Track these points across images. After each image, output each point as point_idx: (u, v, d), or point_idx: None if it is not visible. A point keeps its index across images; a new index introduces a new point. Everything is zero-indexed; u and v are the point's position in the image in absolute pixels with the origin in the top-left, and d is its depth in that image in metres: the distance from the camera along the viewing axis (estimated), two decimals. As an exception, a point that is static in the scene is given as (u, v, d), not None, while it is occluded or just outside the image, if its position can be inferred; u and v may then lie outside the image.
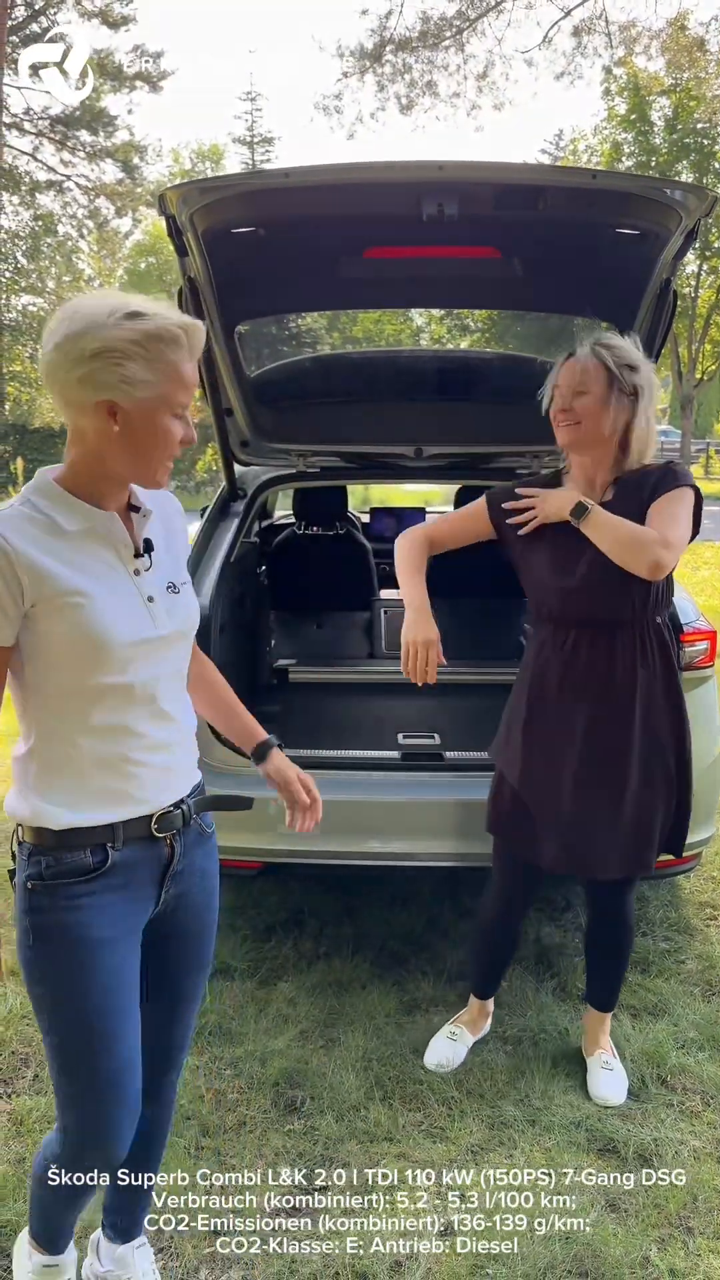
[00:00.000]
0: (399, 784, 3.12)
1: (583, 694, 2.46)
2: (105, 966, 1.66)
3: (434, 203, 2.59)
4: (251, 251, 2.88)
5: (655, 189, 2.66)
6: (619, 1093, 2.67)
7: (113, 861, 1.68)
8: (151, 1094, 1.86)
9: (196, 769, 1.85)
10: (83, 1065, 1.69)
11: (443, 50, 16.08)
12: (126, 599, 1.64)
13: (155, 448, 1.59)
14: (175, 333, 1.53)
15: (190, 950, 1.88)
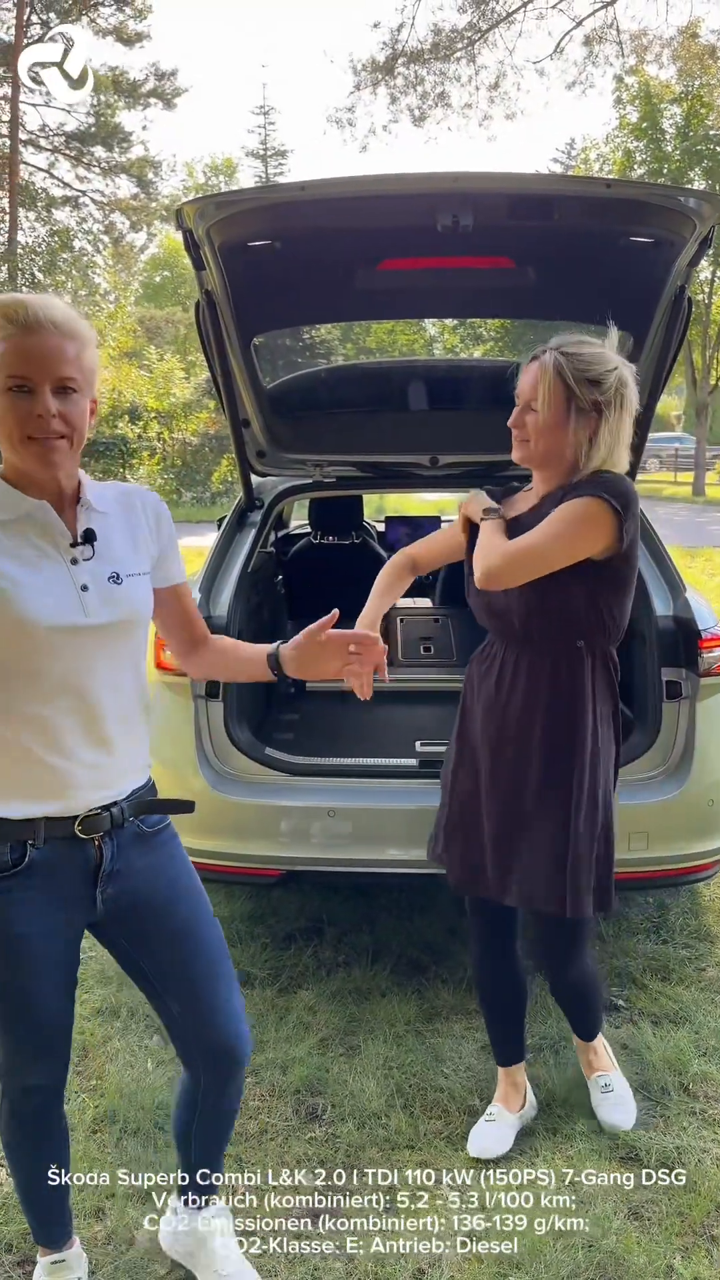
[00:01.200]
0: (417, 791, 3.13)
1: (490, 711, 2.35)
2: (17, 959, 1.75)
3: (449, 214, 2.60)
4: (268, 264, 2.90)
5: (669, 197, 2.67)
6: (627, 1117, 2.56)
7: (30, 859, 1.72)
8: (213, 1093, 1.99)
9: (142, 771, 1.87)
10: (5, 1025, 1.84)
11: (455, 62, 16.17)
12: (55, 585, 1.67)
13: (5, 426, 1.62)
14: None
15: (181, 946, 1.89)
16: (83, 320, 1.67)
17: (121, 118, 32.70)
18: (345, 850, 3.09)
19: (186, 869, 1.95)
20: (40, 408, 1.59)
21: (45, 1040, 1.87)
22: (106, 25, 31.18)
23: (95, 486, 1.79)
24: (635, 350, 3.19)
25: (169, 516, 1.91)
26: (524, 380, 2.21)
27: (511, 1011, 2.65)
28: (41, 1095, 1.94)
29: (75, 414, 1.64)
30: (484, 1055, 2.88)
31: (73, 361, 1.62)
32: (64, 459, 1.66)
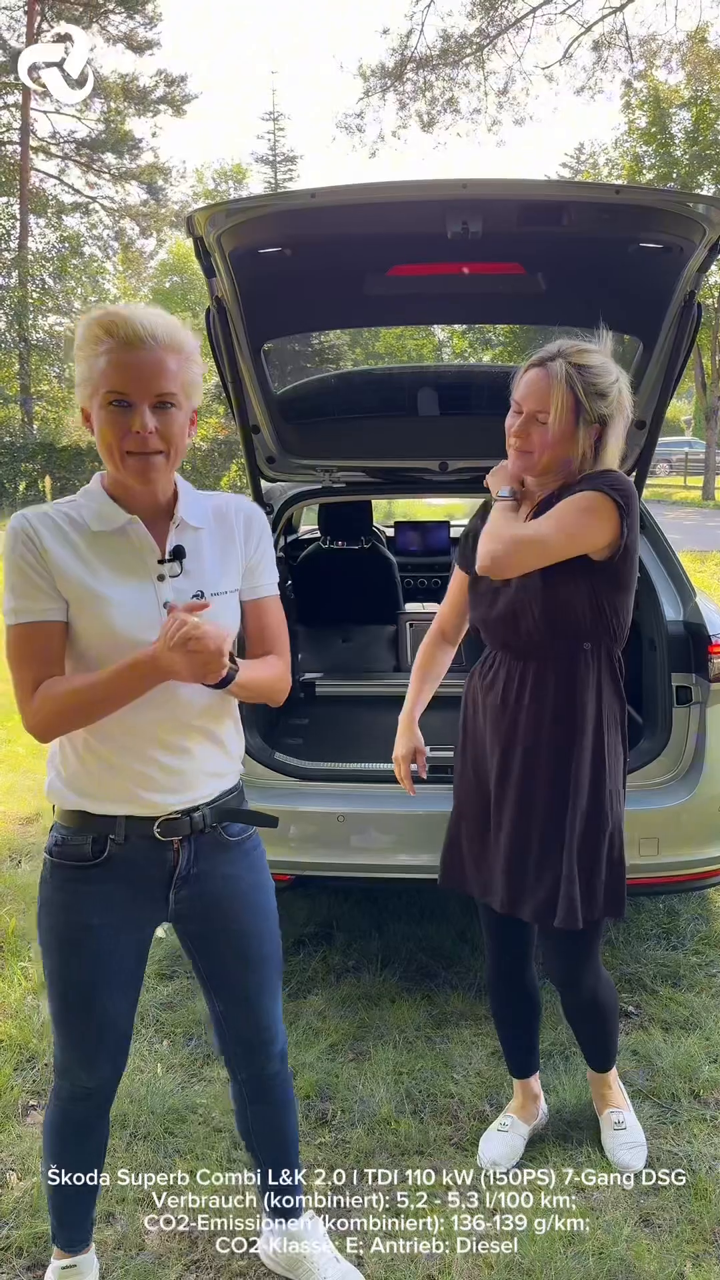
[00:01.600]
0: (427, 797, 3.12)
1: (499, 722, 2.30)
2: (85, 949, 1.81)
3: (458, 220, 2.61)
4: (278, 271, 2.91)
5: (679, 203, 2.67)
6: (638, 1158, 2.47)
7: (110, 854, 1.78)
8: (251, 1085, 2.05)
9: (227, 777, 1.89)
10: (62, 1015, 1.90)
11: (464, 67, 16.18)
12: (139, 601, 1.70)
13: (104, 440, 1.65)
14: (94, 330, 1.62)
15: (236, 951, 1.93)
16: (185, 331, 1.67)
17: (131, 124, 32.88)
18: (355, 855, 3.09)
19: (262, 882, 1.97)
20: (138, 424, 1.61)
21: (102, 1041, 1.90)
22: (117, 33, 31.38)
23: (193, 499, 1.80)
24: (644, 355, 3.18)
25: (263, 526, 1.89)
26: (528, 388, 2.14)
27: (526, 1024, 2.62)
28: (91, 1099, 1.98)
29: (174, 429, 1.65)
30: (494, 1061, 2.88)
31: (173, 376, 1.63)
32: (161, 474, 1.68)
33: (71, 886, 1.81)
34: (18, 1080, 2.79)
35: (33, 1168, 2.45)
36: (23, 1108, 2.70)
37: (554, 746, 2.25)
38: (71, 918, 1.82)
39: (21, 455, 25.05)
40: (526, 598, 2.20)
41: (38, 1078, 2.81)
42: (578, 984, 2.43)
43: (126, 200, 33.98)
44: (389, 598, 5.02)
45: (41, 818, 4.84)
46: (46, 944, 1.87)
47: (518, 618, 2.23)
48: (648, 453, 3.36)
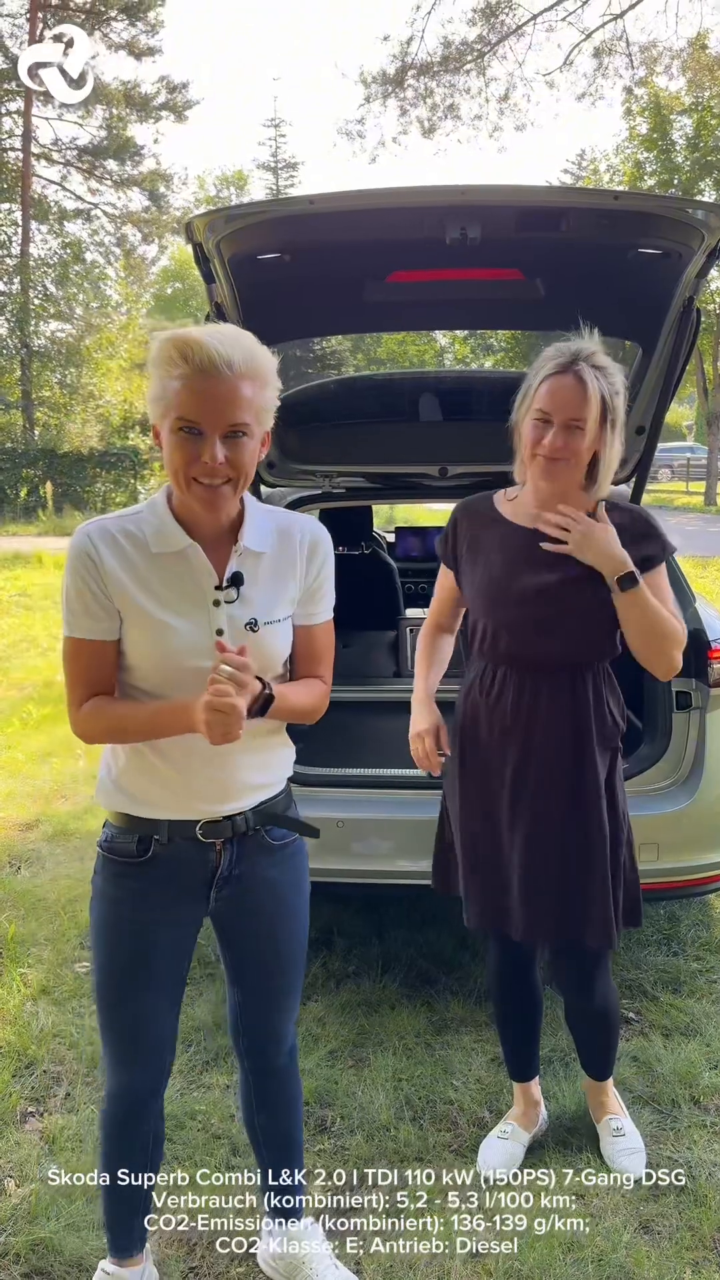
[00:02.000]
0: (427, 803, 3.12)
1: (509, 739, 2.25)
2: (125, 942, 1.86)
3: (457, 226, 2.61)
4: (277, 277, 2.91)
5: (677, 209, 2.67)
6: (638, 1164, 2.45)
7: (154, 854, 1.82)
8: (257, 1075, 2.08)
9: (274, 783, 1.90)
10: (103, 1008, 1.93)
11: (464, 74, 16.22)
12: (193, 626, 1.71)
13: (172, 463, 1.64)
14: (169, 351, 1.59)
15: (265, 949, 1.97)
16: (262, 354, 1.64)
17: (133, 131, 32.95)
18: (355, 861, 3.09)
19: (300, 886, 1.99)
20: (208, 454, 1.59)
21: (141, 1041, 1.93)
22: (119, 40, 31.45)
23: (258, 519, 1.78)
24: (644, 361, 3.19)
25: (326, 554, 1.87)
26: (560, 396, 2.08)
27: (529, 1026, 2.61)
28: (133, 1098, 1.99)
29: (244, 457, 1.64)
30: (494, 1068, 2.87)
31: (247, 405, 1.60)
32: (227, 500, 1.67)
33: (119, 881, 1.86)
34: (16, 1087, 2.78)
35: (30, 1174, 2.44)
36: (21, 1114, 2.69)
37: (573, 759, 2.23)
38: (117, 910, 1.87)
39: (23, 461, 25.07)
40: (544, 614, 2.19)
41: (36, 1084, 2.80)
42: (590, 992, 2.42)
43: (128, 206, 34.06)
44: (389, 603, 5.02)
45: (40, 824, 4.84)
46: (94, 935, 1.91)
47: (531, 633, 2.20)
48: (647, 458, 3.36)
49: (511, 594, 2.22)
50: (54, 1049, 2.96)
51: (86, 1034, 3.00)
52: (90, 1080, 2.81)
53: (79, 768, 5.70)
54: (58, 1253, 2.22)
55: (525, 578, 2.21)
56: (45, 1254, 2.21)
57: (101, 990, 1.92)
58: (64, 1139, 2.57)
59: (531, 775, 2.24)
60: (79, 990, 3.26)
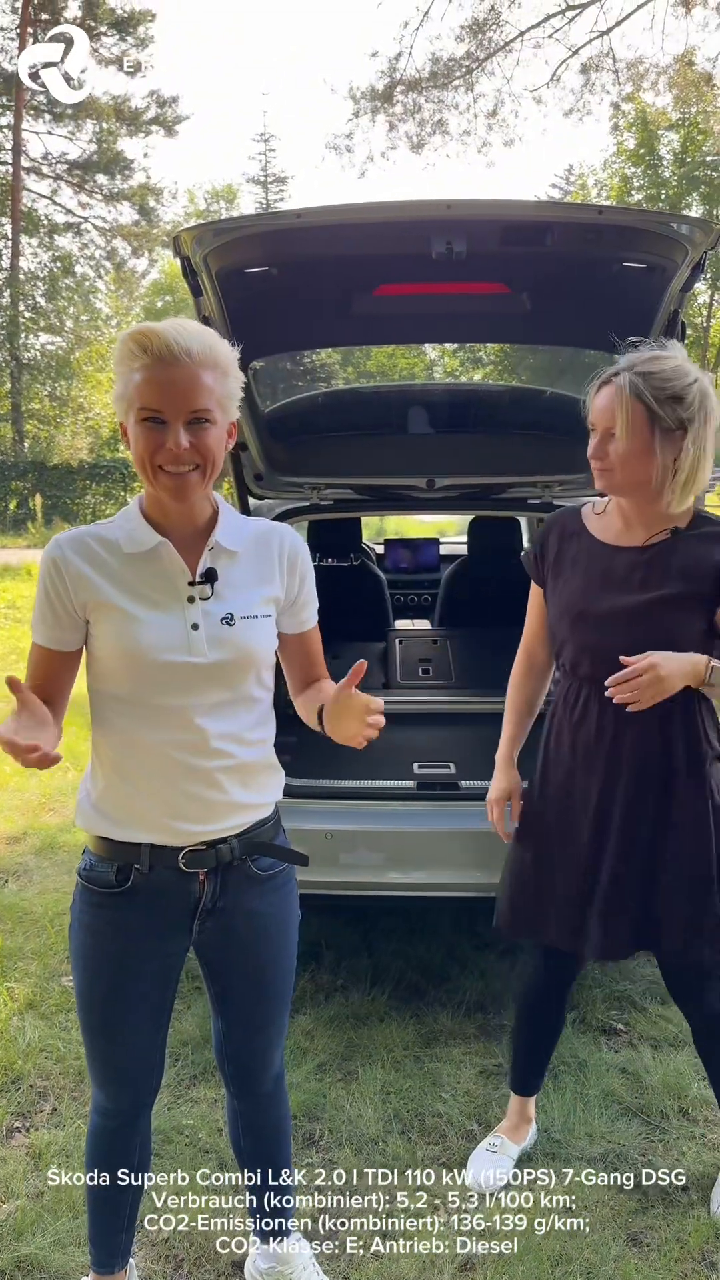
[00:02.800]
0: (416, 814, 3.12)
1: (593, 762, 2.21)
2: (105, 975, 1.83)
3: (443, 241, 2.62)
4: (265, 290, 2.92)
5: (661, 223, 2.69)
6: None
7: (134, 884, 1.77)
8: (243, 1101, 2.06)
9: (263, 806, 1.86)
10: (85, 1034, 1.92)
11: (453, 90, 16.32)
12: (167, 622, 1.70)
13: (138, 454, 1.65)
14: (129, 346, 1.61)
15: (248, 982, 1.93)
16: (222, 345, 1.65)
17: (123, 145, 33.10)
18: (343, 873, 3.08)
19: (287, 919, 1.94)
20: (172, 441, 1.60)
21: (124, 1065, 1.91)
22: (109, 55, 31.64)
23: (233, 523, 1.79)
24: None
25: (306, 562, 1.86)
26: (597, 405, 2.08)
27: (548, 1044, 2.60)
28: (115, 1119, 1.97)
29: (209, 443, 1.64)
30: (482, 1080, 2.87)
31: (208, 392, 1.61)
32: (195, 488, 1.67)
33: (97, 912, 1.81)
34: (2, 1102, 2.76)
35: (16, 1190, 2.43)
36: (7, 1130, 2.67)
37: (660, 787, 2.17)
38: (96, 941, 1.82)
39: (12, 474, 25.07)
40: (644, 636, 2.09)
41: (21, 1099, 2.79)
42: (706, 1009, 2.38)
43: (118, 220, 34.17)
44: (378, 614, 5.02)
45: (28, 837, 4.82)
46: (75, 964, 1.88)
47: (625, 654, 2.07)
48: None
49: (592, 615, 2.16)
50: (40, 1064, 2.94)
51: (73, 1048, 2.98)
52: (77, 1095, 2.79)
53: (67, 780, 5.68)
54: (44, 1269, 2.20)
55: (609, 598, 2.15)
56: (31, 1270, 2.19)
57: (84, 1017, 1.89)
58: (50, 1154, 2.55)
59: (617, 799, 2.18)
60: (65, 1004, 3.24)
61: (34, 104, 30.76)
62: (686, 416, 2.01)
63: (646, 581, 2.12)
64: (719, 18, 15.93)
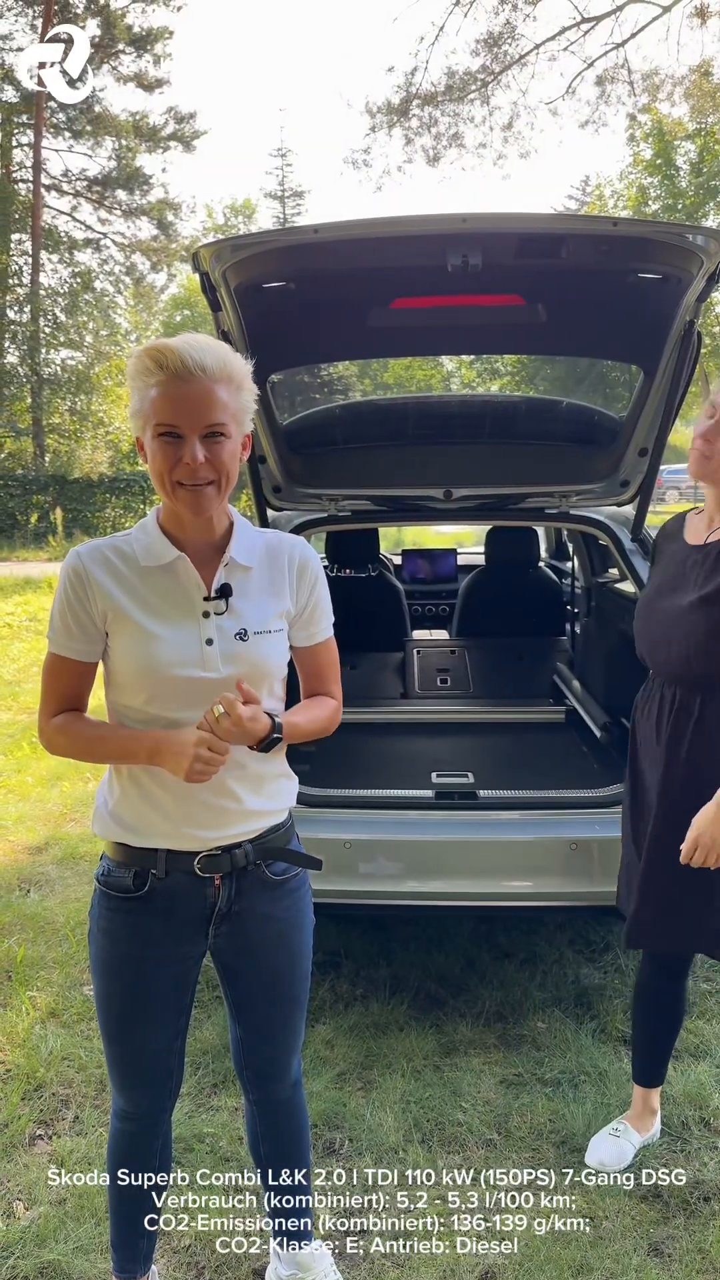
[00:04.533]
0: (434, 823, 3.13)
1: (659, 752, 2.30)
2: (123, 979, 1.86)
3: (458, 254, 2.65)
4: (283, 305, 2.96)
5: (675, 234, 2.71)
6: None
7: (151, 888, 1.81)
8: (262, 1106, 2.08)
9: (273, 815, 1.88)
10: (105, 1039, 1.95)
11: (468, 103, 16.40)
12: (182, 636, 1.73)
13: (155, 469, 1.68)
14: (144, 362, 1.64)
15: (264, 987, 1.94)
16: (235, 360, 1.68)
17: (142, 161, 33.38)
18: (363, 883, 3.09)
19: (302, 923, 1.96)
20: (188, 455, 1.63)
21: (142, 1069, 1.94)
22: (127, 72, 31.93)
23: (247, 537, 1.81)
24: (646, 384, 3.22)
25: (315, 574, 1.88)
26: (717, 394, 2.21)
27: (666, 1036, 2.63)
28: (135, 1122, 2.01)
29: (224, 457, 1.67)
30: (502, 1089, 2.87)
31: (223, 407, 1.64)
32: (212, 502, 1.70)
33: (115, 916, 1.84)
34: (25, 1110, 2.79)
35: (40, 1197, 2.45)
36: (30, 1137, 2.69)
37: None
38: (114, 946, 1.85)
39: (34, 488, 25.25)
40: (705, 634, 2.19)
41: (44, 1107, 2.81)
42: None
43: (137, 235, 34.45)
44: (396, 625, 5.05)
45: (50, 847, 4.86)
46: (94, 969, 1.91)
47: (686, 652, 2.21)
48: (650, 479, 3.39)
49: (653, 614, 2.27)
50: (62, 1071, 2.96)
51: (95, 1057, 3.00)
52: (99, 1103, 2.81)
53: (88, 790, 5.72)
54: (66, 1275, 2.22)
55: (670, 597, 2.25)
56: (54, 1276, 2.21)
57: (103, 1021, 1.92)
58: (72, 1161, 2.57)
59: (679, 790, 2.26)
60: (87, 1013, 3.26)
61: (54, 122, 31.11)
62: None
63: (702, 578, 2.22)
64: (734, 28, 15.89)
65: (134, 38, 31.64)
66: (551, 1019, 3.22)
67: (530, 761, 3.79)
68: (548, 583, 5.22)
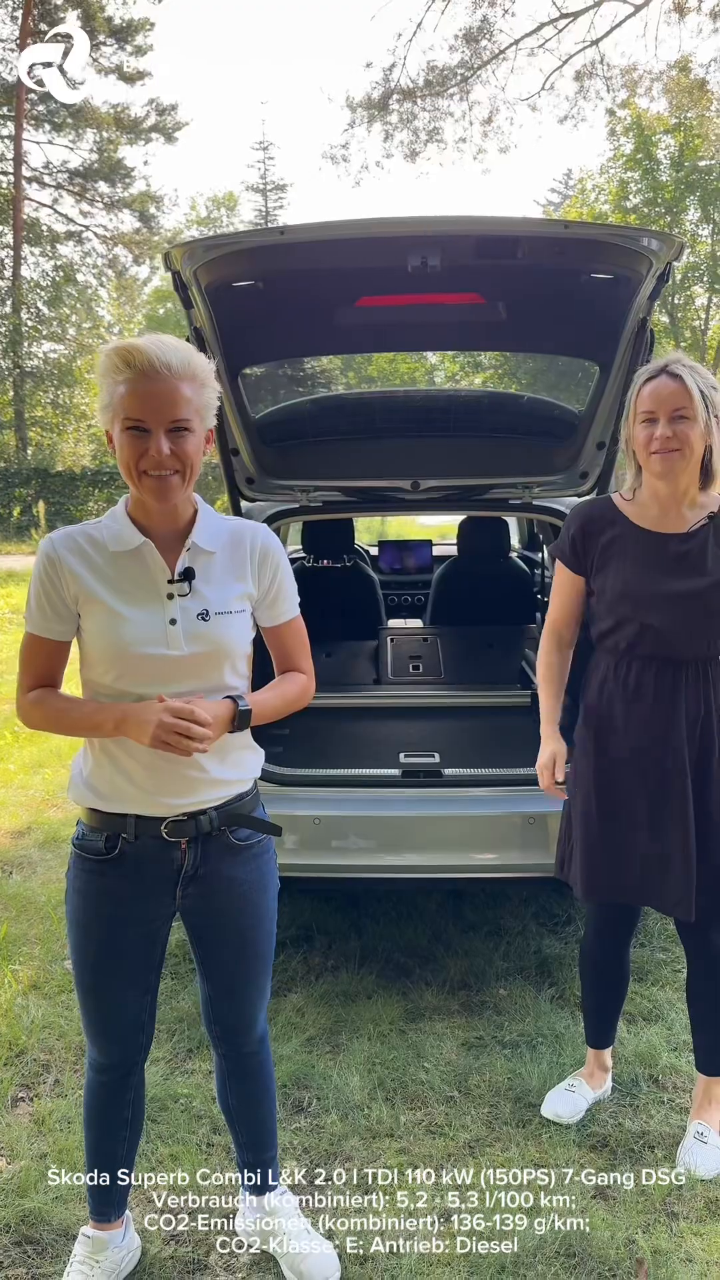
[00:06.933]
0: (402, 800, 3.27)
1: (648, 727, 2.43)
2: (96, 935, 1.99)
3: (418, 255, 2.78)
4: (252, 302, 3.08)
5: (625, 236, 2.84)
6: (707, 1165, 2.50)
7: (122, 851, 1.94)
8: (230, 1060, 2.21)
9: (240, 781, 2.02)
10: (79, 992, 2.07)
11: (447, 98, 16.49)
12: (148, 617, 1.86)
13: (123, 460, 1.81)
14: (113, 360, 1.78)
15: (230, 946, 2.07)
16: (199, 359, 1.81)
17: (124, 153, 33.33)
18: (333, 857, 3.22)
19: (265, 885, 2.09)
20: (154, 448, 1.76)
21: (111, 1023, 2.07)
22: (109, 64, 31.89)
23: (210, 523, 1.94)
24: (602, 379, 3.35)
25: (277, 559, 2.00)
26: (660, 395, 2.31)
27: (614, 999, 2.79)
28: (107, 1073, 2.13)
29: (189, 449, 1.80)
30: (463, 1051, 3.01)
31: (187, 402, 1.77)
32: (176, 491, 1.83)
33: (88, 877, 1.97)
34: (7, 1074, 2.91)
35: (21, 1152, 2.58)
36: (12, 1099, 2.82)
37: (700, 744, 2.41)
38: (87, 905, 1.99)
39: (16, 481, 25.26)
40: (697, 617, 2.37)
41: (26, 1071, 2.94)
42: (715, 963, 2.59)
43: (119, 228, 34.41)
44: (371, 614, 5.18)
45: (32, 831, 4.97)
46: (69, 926, 2.04)
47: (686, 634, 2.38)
48: (608, 469, 3.53)
49: (658, 598, 2.39)
50: (43, 1039, 3.09)
51: (75, 1025, 3.13)
52: (78, 1068, 2.94)
53: (68, 778, 5.83)
54: (46, 1223, 2.35)
55: (668, 583, 2.39)
56: (35, 1224, 2.34)
57: (77, 975, 2.05)
58: (53, 1121, 2.70)
59: (668, 759, 2.41)
60: (68, 986, 3.39)
61: (34, 114, 31.04)
62: (717, 407, 2.32)
63: (697, 566, 2.37)
64: (712, 24, 16.04)
65: (114, 29, 31.58)
66: (513, 986, 3.36)
67: (495, 742, 3.93)
68: (518, 572, 5.36)
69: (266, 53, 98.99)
